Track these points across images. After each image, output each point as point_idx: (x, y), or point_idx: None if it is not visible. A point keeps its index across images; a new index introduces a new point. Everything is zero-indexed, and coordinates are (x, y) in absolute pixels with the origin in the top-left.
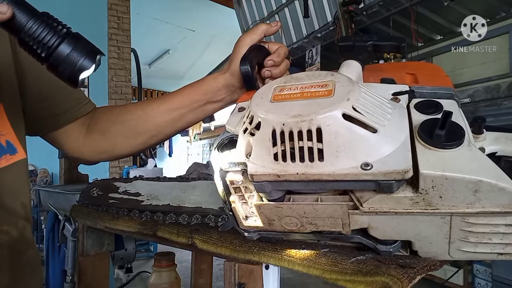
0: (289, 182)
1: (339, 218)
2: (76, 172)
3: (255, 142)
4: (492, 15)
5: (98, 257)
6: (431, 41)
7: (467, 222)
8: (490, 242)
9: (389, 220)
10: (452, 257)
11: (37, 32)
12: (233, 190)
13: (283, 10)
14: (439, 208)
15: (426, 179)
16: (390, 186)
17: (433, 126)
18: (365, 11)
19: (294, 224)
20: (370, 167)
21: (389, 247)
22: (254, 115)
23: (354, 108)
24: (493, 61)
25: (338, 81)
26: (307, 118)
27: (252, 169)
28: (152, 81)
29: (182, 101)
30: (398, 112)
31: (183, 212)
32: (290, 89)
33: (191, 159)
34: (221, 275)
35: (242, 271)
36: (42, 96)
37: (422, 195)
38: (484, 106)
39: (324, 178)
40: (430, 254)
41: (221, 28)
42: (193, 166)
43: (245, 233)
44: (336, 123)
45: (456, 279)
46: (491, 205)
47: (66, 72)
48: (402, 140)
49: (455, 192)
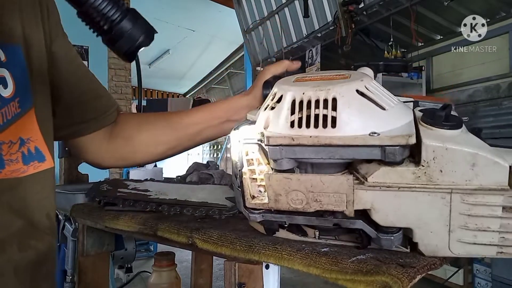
0: (301, 148)
1: (343, 194)
2: (76, 172)
3: (274, 115)
4: (492, 15)
5: (98, 257)
6: (431, 41)
7: (466, 204)
8: (489, 230)
9: (391, 200)
10: (452, 252)
11: (102, 5)
12: (246, 162)
13: (283, 10)
14: (439, 183)
15: (428, 149)
16: (395, 153)
17: (435, 112)
18: (365, 11)
19: (300, 201)
20: (377, 135)
21: (390, 235)
22: (277, 91)
23: (367, 87)
24: (493, 61)
25: (353, 74)
26: (325, 88)
27: (269, 133)
28: (152, 81)
29: (203, 116)
30: (403, 105)
31: (188, 205)
32: (309, 78)
33: (191, 159)
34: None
35: (242, 271)
36: (74, 102)
37: (424, 168)
38: (484, 106)
39: (335, 143)
40: (430, 247)
41: (221, 28)
42: (193, 166)
43: (250, 214)
44: (351, 95)
45: (456, 279)
46: (488, 181)
47: (124, 47)
48: (407, 120)
49: (455, 165)
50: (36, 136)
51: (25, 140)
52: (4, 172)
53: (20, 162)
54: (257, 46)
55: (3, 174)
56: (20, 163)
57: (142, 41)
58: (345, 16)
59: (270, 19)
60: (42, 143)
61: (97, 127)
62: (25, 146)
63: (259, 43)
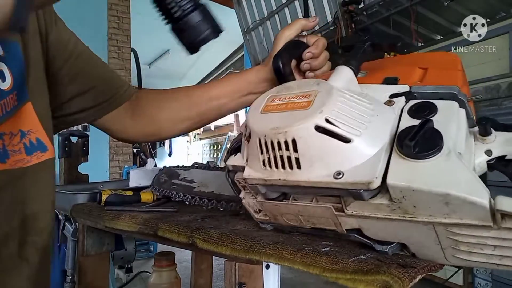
0: (276, 186)
1: (329, 219)
2: (76, 172)
3: (249, 149)
4: (492, 15)
5: (98, 257)
6: (431, 41)
7: (451, 232)
8: (482, 252)
9: (375, 224)
10: (450, 262)
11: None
12: (241, 188)
13: (283, 10)
14: (416, 216)
15: (394, 189)
16: (360, 195)
17: (406, 135)
18: (365, 11)
19: (295, 221)
20: (342, 176)
21: (385, 247)
22: (247, 124)
23: (327, 119)
24: (493, 61)
25: (320, 91)
26: (282, 130)
27: (246, 173)
28: (152, 81)
29: (225, 90)
30: (380, 120)
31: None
32: (279, 99)
33: (191, 159)
34: (221, 275)
35: (242, 271)
36: (85, 88)
37: (397, 203)
38: (484, 106)
39: (302, 185)
40: (427, 257)
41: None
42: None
43: (260, 224)
44: (309, 135)
45: (456, 279)
46: (468, 217)
47: (190, 38)
48: (376, 150)
49: (427, 203)
50: (37, 128)
51: (25, 132)
52: (9, 162)
53: (23, 153)
54: (257, 46)
55: (8, 165)
56: (23, 153)
57: (207, 36)
58: (345, 16)
59: (270, 19)
60: (43, 134)
61: (111, 107)
62: (26, 138)
63: (259, 43)
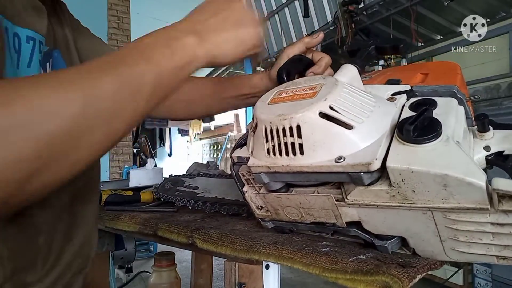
0: (280, 173)
1: (330, 210)
2: None
3: (254, 140)
4: (492, 15)
5: (98, 257)
6: (431, 41)
7: (449, 219)
8: (481, 242)
9: (375, 214)
10: (450, 258)
11: None
12: (245, 181)
13: (283, 10)
14: (415, 202)
15: (393, 172)
16: (360, 178)
17: (405, 122)
18: (365, 11)
19: (295, 214)
20: (343, 160)
21: (385, 242)
22: (254, 116)
23: (331, 107)
24: (493, 61)
25: (325, 84)
26: (288, 116)
27: (251, 162)
28: None
29: (231, 92)
30: (382, 111)
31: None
32: (286, 93)
33: (191, 159)
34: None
35: (242, 271)
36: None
37: (396, 189)
38: (484, 106)
39: (305, 170)
40: (427, 253)
41: None
42: (193, 166)
43: (262, 222)
44: (312, 121)
45: (456, 279)
46: (466, 200)
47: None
48: (377, 137)
49: (426, 186)
50: None
51: None
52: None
53: None
54: None
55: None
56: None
57: None
58: (345, 16)
59: (270, 19)
60: None
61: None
62: None
63: None
